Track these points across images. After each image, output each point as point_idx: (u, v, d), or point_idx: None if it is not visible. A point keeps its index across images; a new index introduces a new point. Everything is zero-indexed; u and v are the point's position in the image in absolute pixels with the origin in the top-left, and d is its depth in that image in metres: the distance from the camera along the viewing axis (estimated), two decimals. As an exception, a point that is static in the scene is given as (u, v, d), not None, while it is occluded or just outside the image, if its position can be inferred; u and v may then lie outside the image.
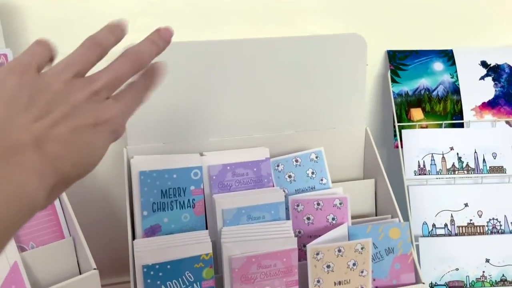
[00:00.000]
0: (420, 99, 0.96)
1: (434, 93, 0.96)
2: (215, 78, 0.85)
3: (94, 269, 0.63)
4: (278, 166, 0.86)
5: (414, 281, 0.79)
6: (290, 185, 0.86)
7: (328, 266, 0.74)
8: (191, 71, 0.83)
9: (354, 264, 0.75)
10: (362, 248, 0.75)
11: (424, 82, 0.96)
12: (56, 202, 0.68)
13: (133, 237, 0.76)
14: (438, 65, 0.97)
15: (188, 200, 0.79)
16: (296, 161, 0.87)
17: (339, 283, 0.75)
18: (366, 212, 0.93)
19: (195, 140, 0.86)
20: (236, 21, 0.90)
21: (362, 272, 0.76)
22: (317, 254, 0.74)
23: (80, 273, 0.65)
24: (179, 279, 0.70)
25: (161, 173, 0.78)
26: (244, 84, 0.87)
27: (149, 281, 0.68)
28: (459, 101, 0.96)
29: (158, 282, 0.69)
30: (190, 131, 0.86)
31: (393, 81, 0.96)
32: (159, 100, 0.83)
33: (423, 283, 0.78)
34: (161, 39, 0.45)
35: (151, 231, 0.77)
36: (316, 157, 0.88)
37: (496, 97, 0.97)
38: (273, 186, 0.84)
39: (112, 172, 0.91)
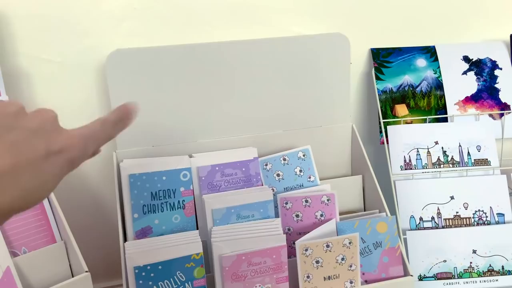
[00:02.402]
0: (404, 95, 0.97)
1: (418, 89, 0.98)
2: (202, 80, 0.86)
3: (86, 271, 0.64)
4: (266, 165, 0.88)
5: (403, 273, 0.81)
6: (278, 184, 0.87)
7: (317, 262, 0.76)
8: (178, 74, 0.85)
9: (342, 259, 0.77)
10: (350, 243, 0.77)
11: (407, 78, 0.98)
12: (47, 206, 0.69)
13: (125, 240, 0.77)
14: (421, 62, 0.99)
15: (178, 202, 0.80)
16: (284, 159, 0.88)
17: (329, 278, 0.77)
18: (355, 208, 0.94)
19: (183, 142, 0.88)
20: (220, 23, 0.91)
21: (350, 266, 0.77)
22: (306, 250, 0.75)
23: (73, 277, 0.66)
24: (171, 279, 0.71)
25: (150, 176, 0.79)
26: (230, 86, 0.88)
27: (141, 282, 0.69)
28: (442, 96, 0.98)
29: (150, 283, 0.70)
30: (179, 134, 0.88)
31: (377, 78, 0.97)
32: (147, 103, 0.84)
33: (412, 275, 0.79)
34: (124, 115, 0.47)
35: (142, 233, 0.78)
36: (304, 155, 0.89)
37: (479, 91, 0.98)
38: (262, 185, 0.86)
39: (102, 176, 0.92)
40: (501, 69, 1.00)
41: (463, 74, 0.99)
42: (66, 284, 0.62)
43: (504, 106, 0.98)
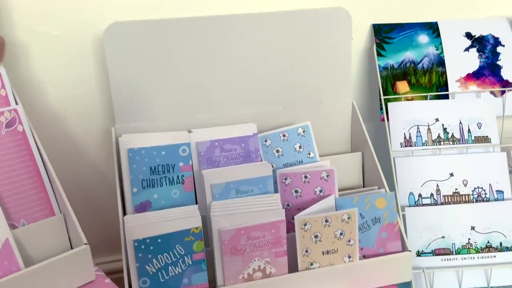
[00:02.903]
0: (406, 72, 0.97)
1: (420, 65, 0.97)
2: (201, 55, 0.85)
3: (85, 244, 0.64)
4: (266, 141, 0.87)
5: (401, 249, 0.81)
6: (278, 160, 0.87)
7: (316, 236, 0.76)
8: (176, 49, 0.84)
9: (341, 234, 0.77)
10: (348, 218, 0.77)
11: (409, 55, 0.97)
12: (45, 179, 0.69)
13: (124, 214, 0.77)
14: (423, 38, 0.98)
15: (177, 177, 0.80)
16: (284, 136, 0.88)
17: (327, 252, 0.77)
18: (354, 185, 0.94)
19: (182, 118, 0.87)
20: (220, -3, 0.90)
21: (349, 241, 0.77)
22: (305, 225, 0.75)
23: (72, 249, 0.66)
24: (170, 252, 0.71)
25: (149, 150, 0.79)
26: (229, 60, 0.87)
27: (140, 255, 0.70)
28: (444, 73, 0.97)
29: (150, 256, 0.70)
30: (178, 109, 0.87)
31: (379, 54, 0.96)
32: (145, 77, 0.84)
33: (410, 251, 0.80)
34: None
35: (142, 208, 0.78)
36: (303, 132, 0.89)
37: (480, 68, 0.98)
38: (261, 161, 0.85)
39: (100, 151, 0.92)
40: (503, 46, 0.99)
41: (465, 50, 0.98)
42: (66, 256, 0.62)
43: (505, 83, 0.97)
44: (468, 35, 0.99)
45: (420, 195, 0.89)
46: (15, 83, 0.76)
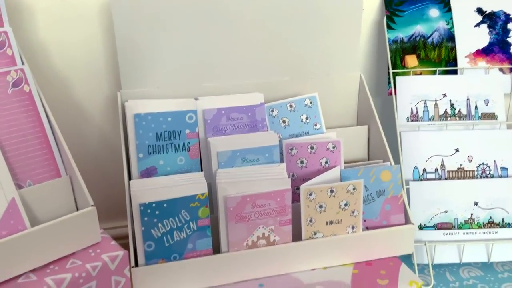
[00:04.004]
0: (415, 46, 0.95)
1: (429, 39, 0.96)
2: (209, 22, 0.84)
3: (92, 205, 0.64)
4: (272, 111, 0.87)
5: (404, 222, 0.82)
6: (284, 130, 0.87)
7: (321, 206, 0.76)
8: (184, 15, 0.82)
9: (345, 205, 0.77)
10: (354, 189, 0.77)
11: (419, 28, 0.96)
12: (51, 140, 0.68)
13: (129, 179, 0.77)
14: (434, 12, 0.97)
15: (183, 144, 0.80)
16: (291, 106, 0.87)
17: (331, 222, 0.77)
18: (358, 158, 0.94)
19: (189, 85, 0.86)
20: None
21: (353, 212, 0.78)
22: (310, 194, 0.75)
23: (78, 210, 0.66)
24: (176, 217, 0.71)
25: (156, 116, 0.78)
26: (238, 29, 0.86)
27: (146, 219, 0.70)
28: (453, 48, 0.96)
29: (155, 220, 0.70)
30: (184, 76, 0.86)
31: (389, 27, 0.95)
32: (151, 43, 0.83)
33: (413, 223, 0.80)
34: None
35: (147, 173, 0.78)
36: (311, 103, 0.88)
37: (490, 44, 0.96)
38: (268, 131, 0.85)
39: (105, 116, 0.91)
40: (514, 22, 0.98)
41: (475, 26, 0.97)
42: (72, 217, 0.62)
43: (515, 61, 0.97)
44: (479, 11, 0.98)
45: (424, 170, 0.89)
46: (20, 45, 0.75)
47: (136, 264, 0.71)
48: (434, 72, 0.95)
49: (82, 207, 0.67)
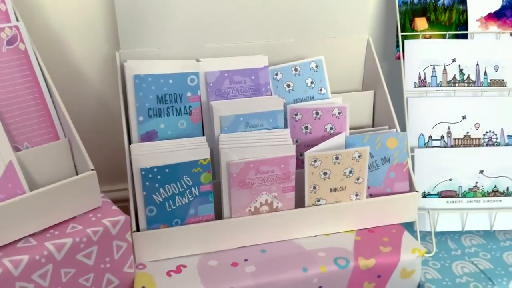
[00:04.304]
0: (425, 8, 0.92)
1: (440, 2, 0.92)
2: (212, -21, 0.80)
3: (92, 169, 0.62)
4: (276, 75, 0.84)
5: (408, 189, 0.81)
6: (288, 95, 0.84)
7: (325, 173, 0.75)
8: (187, -30, 0.78)
9: (350, 172, 0.76)
10: (359, 156, 0.75)
11: (430, -11, 0.92)
12: (49, 101, 0.66)
13: (130, 143, 0.75)
14: (446, -28, 0.92)
15: (185, 107, 0.77)
16: (296, 70, 0.85)
17: (335, 189, 0.76)
18: (363, 124, 0.92)
19: (190, 46, 0.83)
20: None
21: (357, 179, 0.77)
22: (315, 161, 0.74)
23: (77, 174, 0.64)
24: (178, 182, 0.70)
25: (156, 78, 0.75)
26: (242, -14, 0.82)
27: (147, 183, 0.68)
28: (464, 11, 0.92)
29: (157, 185, 0.69)
30: (185, 36, 0.83)
31: (399, -12, 0.91)
32: (152, 2, 0.79)
33: (417, 191, 0.79)
34: None
35: (148, 137, 0.76)
36: (316, 66, 0.85)
37: (503, 8, 0.93)
38: (271, 95, 0.82)
39: (104, 76, 0.88)
40: (529, -15, 0.94)
41: (488, -12, 0.93)
42: (73, 181, 0.61)
43: (527, 26, 0.93)
44: (493, -28, 0.94)
45: (430, 137, 0.87)
46: (14, 2, 0.71)
47: (138, 229, 0.70)
48: (444, 36, 0.91)
49: (81, 171, 0.65)
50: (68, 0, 0.81)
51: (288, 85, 0.84)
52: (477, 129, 0.87)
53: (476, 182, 0.86)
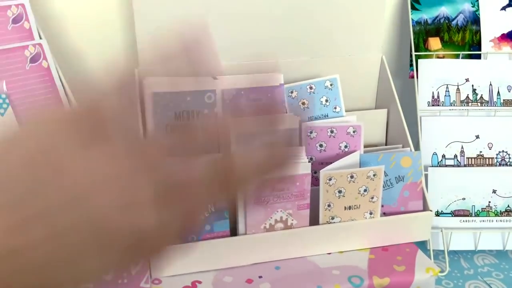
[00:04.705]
0: (439, 28, 0.93)
1: (454, 22, 0.93)
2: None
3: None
4: (291, 92, 0.85)
5: (422, 208, 0.81)
6: (303, 112, 0.85)
7: (340, 191, 0.75)
8: (205, -10, 0.80)
9: (365, 190, 0.76)
10: (374, 175, 0.76)
11: (444, 10, 0.93)
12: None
13: (147, 158, 0.76)
14: (459, -7, 0.94)
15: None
16: (311, 88, 0.86)
17: (349, 207, 0.77)
18: (376, 142, 0.93)
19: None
20: None
21: (372, 198, 0.77)
22: (330, 179, 0.74)
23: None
24: (194, 199, 0.71)
25: (174, 95, 0.77)
26: (258, 6, 0.83)
27: (164, 200, 0.69)
28: (478, 32, 0.93)
29: (174, 202, 0.70)
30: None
31: (413, 8, 0.92)
32: (171, 20, 0.80)
33: (431, 210, 0.80)
34: None
35: (165, 153, 0.77)
36: (331, 85, 0.86)
37: (516, 29, 0.94)
38: (286, 112, 0.83)
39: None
40: (542, 6, 0.95)
41: (501, 9, 0.94)
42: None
43: (540, 46, 0.94)
44: (506, -7, 0.95)
45: (443, 156, 0.88)
46: (36, 19, 0.73)
47: (154, 245, 0.71)
48: (457, 56, 0.92)
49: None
50: (89, 19, 0.83)
51: (303, 103, 0.85)
52: (490, 149, 0.88)
53: (489, 202, 0.86)
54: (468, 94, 0.90)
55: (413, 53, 0.91)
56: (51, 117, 0.27)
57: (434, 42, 0.92)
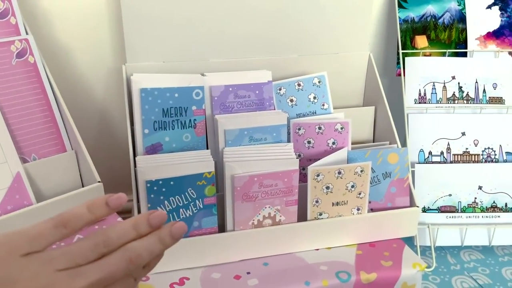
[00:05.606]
0: (426, 26, 0.94)
1: (440, 20, 0.94)
2: (218, -5, 0.81)
3: (99, 181, 0.63)
4: (280, 89, 0.85)
5: (409, 204, 0.82)
6: (291, 109, 0.86)
7: (328, 188, 0.76)
8: (194, -14, 0.80)
9: (352, 186, 0.77)
10: (361, 171, 0.76)
11: (431, 8, 0.94)
12: (57, 115, 0.67)
13: (134, 155, 0.76)
14: (446, -8, 0.95)
15: (190, 120, 0.78)
16: (299, 85, 0.86)
17: (337, 203, 0.77)
18: (364, 139, 0.94)
19: (195, 60, 0.84)
20: None
21: (359, 194, 0.78)
22: (318, 175, 0.75)
23: (83, 187, 0.65)
24: (182, 195, 0.71)
25: (162, 92, 0.76)
26: (247, 4, 0.83)
27: (152, 196, 0.69)
28: (464, 30, 0.94)
29: (161, 197, 0.69)
30: (191, 51, 0.84)
31: (400, 6, 0.93)
32: (159, 17, 0.80)
33: (418, 206, 0.80)
34: (169, 237, 0.40)
35: (153, 149, 0.77)
36: (319, 82, 0.87)
37: (501, 27, 0.95)
38: (274, 109, 0.84)
39: (110, 89, 0.89)
40: (527, 5, 0.96)
41: (487, 8, 0.96)
42: (79, 193, 0.61)
43: (525, 45, 0.95)
44: (492, -8, 0.96)
45: (430, 153, 0.89)
46: (23, 14, 0.73)
47: (142, 241, 0.70)
48: (443, 54, 0.93)
49: (88, 182, 0.66)
50: (76, 14, 0.82)
51: (291, 100, 0.86)
52: (476, 146, 0.89)
53: (475, 198, 0.87)
54: (454, 92, 0.91)
55: (400, 51, 0.92)
56: None
57: (421, 40, 0.93)
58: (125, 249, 0.38)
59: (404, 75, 0.91)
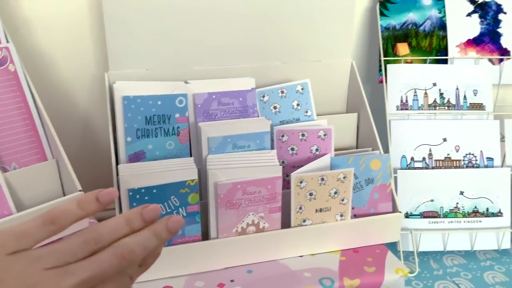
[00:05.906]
0: (407, 34, 0.95)
1: (421, 28, 0.95)
2: (201, 4, 0.82)
3: (80, 190, 0.63)
4: (263, 97, 0.86)
5: (391, 210, 0.82)
6: (275, 116, 0.86)
7: (311, 194, 0.76)
8: (176, -6, 0.80)
9: (335, 193, 0.77)
10: (344, 177, 0.77)
11: (412, 16, 0.95)
12: (38, 123, 0.66)
13: (117, 163, 0.75)
14: (426, 0, 0.96)
15: (173, 128, 0.78)
16: (282, 92, 0.86)
17: (320, 210, 0.77)
18: (347, 146, 0.94)
19: (179, 68, 0.84)
20: None
21: (342, 200, 0.78)
22: (301, 182, 0.75)
23: (64, 196, 0.64)
24: (165, 203, 0.70)
25: (145, 99, 0.76)
26: (230, 12, 0.84)
27: (135, 204, 0.69)
28: (445, 37, 0.96)
29: (144, 206, 0.69)
30: (174, 58, 0.84)
31: (382, 14, 0.94)
32: (142, 24, 0.80)
33: (400, 212, 0.81)
34: (166, 231, 0.39)
35: (135, 157, 0.76)
36: (302, 89, 0.87)
37: (481, 35, 0.97)
38: (258, 116, 0.84)
39: (92, 97, 0.88)
40: (505, 13, 0.98)
41: (467, 16, 0.97)
42: (59, 202, 0.61)
43: (504, 52, 0.97)
44: (471, 0, 0.98)
45: (412, 159, 0.90)
46: (3, 22, 0.72)
47: (124, 250, 0.70)
48: (424, 61, 0.95)
49: (69, 191, 0.66)
50: (57, 22, 0.82)
51: (275, 107, 0.86)
52: (457, 151, 0.90)
53: (457, 203, 0.88)
54: (435, 98, 0.92)
55: (382, 59, 0.93)
56: None
57: (402, 48, 0.95)
58: (117, 245, 0.37)
59: (386, 82, 0.92)
